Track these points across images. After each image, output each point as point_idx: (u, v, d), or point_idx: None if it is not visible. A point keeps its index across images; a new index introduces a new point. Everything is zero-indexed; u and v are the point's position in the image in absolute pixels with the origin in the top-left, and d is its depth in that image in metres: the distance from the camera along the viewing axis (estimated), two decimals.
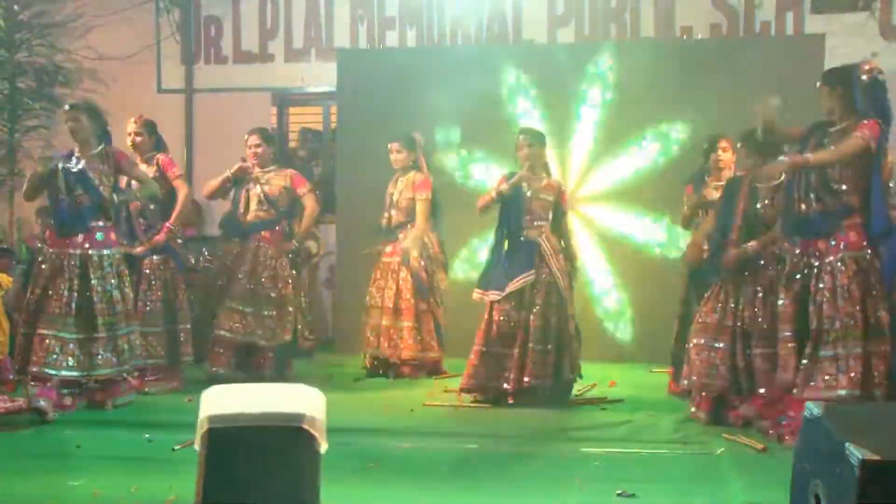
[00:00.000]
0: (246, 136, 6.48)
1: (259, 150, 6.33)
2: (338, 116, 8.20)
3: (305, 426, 2.86)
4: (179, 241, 6.29)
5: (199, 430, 2.88)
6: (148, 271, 5.87)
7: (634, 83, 7.15)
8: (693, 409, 5.05)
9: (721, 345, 4.85)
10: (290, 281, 6.27)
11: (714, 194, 5.59)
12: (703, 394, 4.97)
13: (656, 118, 7.15)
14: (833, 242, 4.36)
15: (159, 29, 8.76)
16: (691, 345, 4.98)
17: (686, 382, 5.03)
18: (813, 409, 3.81)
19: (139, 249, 5.79)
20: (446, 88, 7.25)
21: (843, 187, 4.35)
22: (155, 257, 5.89)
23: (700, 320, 4.98)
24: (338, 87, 7.94)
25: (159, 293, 5.88)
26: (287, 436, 2.85)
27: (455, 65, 7.47)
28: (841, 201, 4.36)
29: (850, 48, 7.46)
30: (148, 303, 5.83)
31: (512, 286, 5.46)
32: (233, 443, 2.84)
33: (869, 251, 4.36)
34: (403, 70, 7.56)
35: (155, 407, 5.37)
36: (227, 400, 2.99)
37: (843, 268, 4.31)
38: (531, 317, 5.44)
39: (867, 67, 4.44)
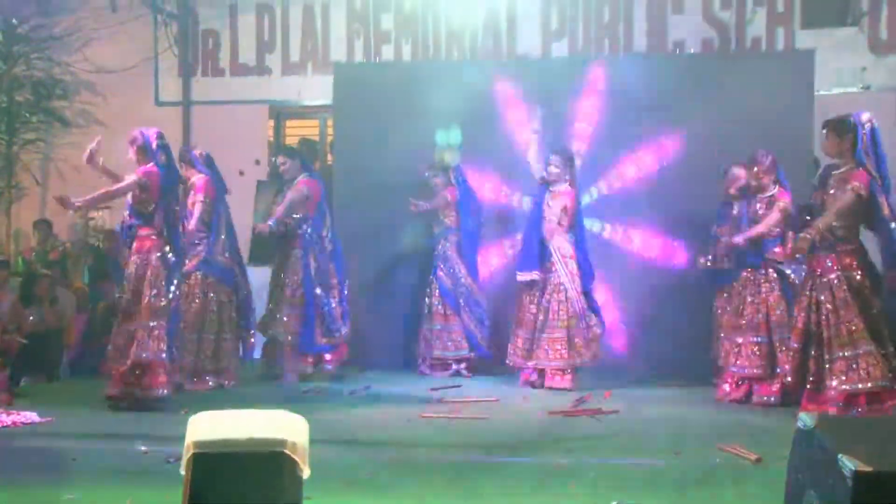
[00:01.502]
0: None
1: (284, 166, 6.82)
2: (334, 129, 8.22)
3: (287, 452, 2.93)
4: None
5: (184, 455, 2.94)
6: None
7: (627, 97, 7.19)
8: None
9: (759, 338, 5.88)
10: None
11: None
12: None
13: (649, 132, 7.17)
14: (829, 263, 5.29)
15: (157, 42, 8.79)
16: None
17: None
18: (806, 420, 3.83)
19: None
20: (440, 100, 7.26)
21: (839, 227, 5.28)
22: None
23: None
24: (334, 100, 7.98)
25: None
26: (270, 461, 2.95)
27: (450, 78, 7.47)
28: (836, 236, 5.29)
29: (839, 63, 7.56)
30: None
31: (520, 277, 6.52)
32: (217, 467, 2.94)
33: (859, 272, 5.24)
34: (399, 83, 7.59)
35: (151, 420, 5.35)
36: (212, 425, 3.07)
37: (839, 284, 5.22)
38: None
39: (866, 118, 5.29)
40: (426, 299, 7.02)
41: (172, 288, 5.70)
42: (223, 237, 6.52)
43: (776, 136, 6.50)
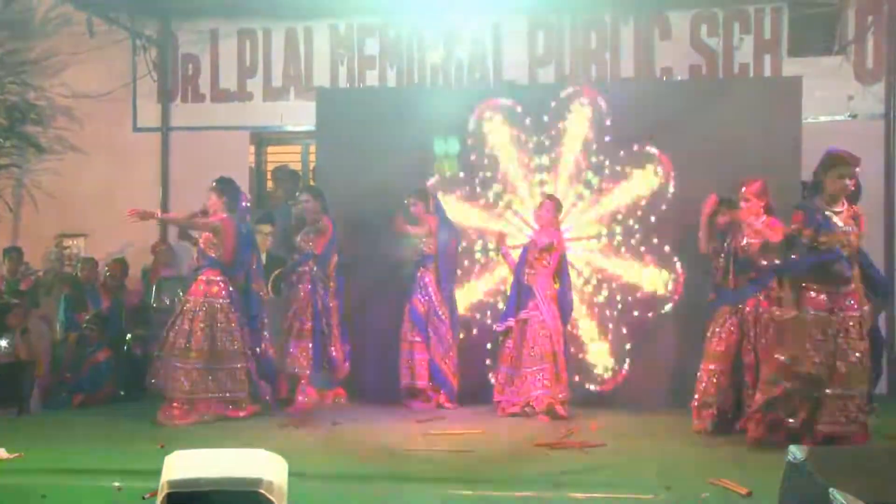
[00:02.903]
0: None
1: (308, 204, 7.10)
2: (317, 155, 8.25)
3: (263, 491, 2.91)
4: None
5: (159, 495, 2.93)
6: None
7: (614, 124, 7.26)
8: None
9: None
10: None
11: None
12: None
13: (636, 159, 7.24)
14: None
15: (136, 67, 8.82)
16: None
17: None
18: (796, 452, 3.84)
19: None
20: (425, 126, 7.31)
21: None
22: None
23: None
24: (317, 126, 8.01)
25: None
26: (245, 501, 2.91)
27: (436, 104, 7.52)
28: None
29: (826, 91, 7.69)
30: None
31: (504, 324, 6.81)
32: None
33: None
34: (384, 109, 7.64)
35: (124, 455, 5.29)
36: (188, 464, 3.06)
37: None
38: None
39: None
40: (401, 326, 7.09)
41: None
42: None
43: (763, 163, 6.58)
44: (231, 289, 6.50)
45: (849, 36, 7.85)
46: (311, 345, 6.95)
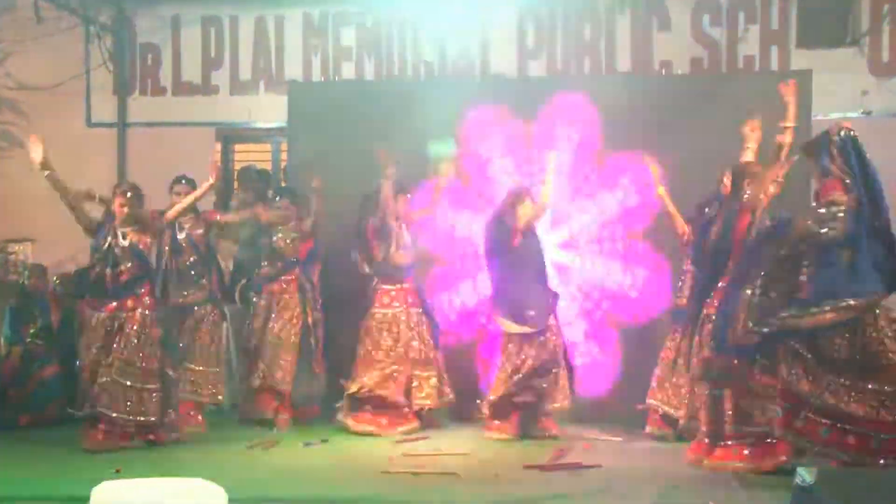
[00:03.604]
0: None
1: (288, 212, 7.19)
2: (288, 154, 8.25)
3: None
4: None
5: None
6: None
7: (609, 120, 7.31)
8: None
9: None
10: None
11: None
12: None
13: (633, 158, 7.28)
14: None
15: (89, 57, 8.78)
16: None
17: None
18: (805, 476, 3.88)
19: None
20: (407, 124, 7.32)
21: None
22: None
23: None
24: (288, 122, 8.00)
25: None
26: None
27: (417, 99, 7.52)
28: None
29: (837, 86, 7.69)
30: None
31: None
32: None
33: None
34: (361, 104, 7.65)
35: (54, 482, 5.24)
36: (115, 497, 3.03)
37: None
38: None
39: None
40: None
41: None
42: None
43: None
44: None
45: (863, 26, 7.92)
46: (295, 360, 6.99)
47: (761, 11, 8.04)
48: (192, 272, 6.95)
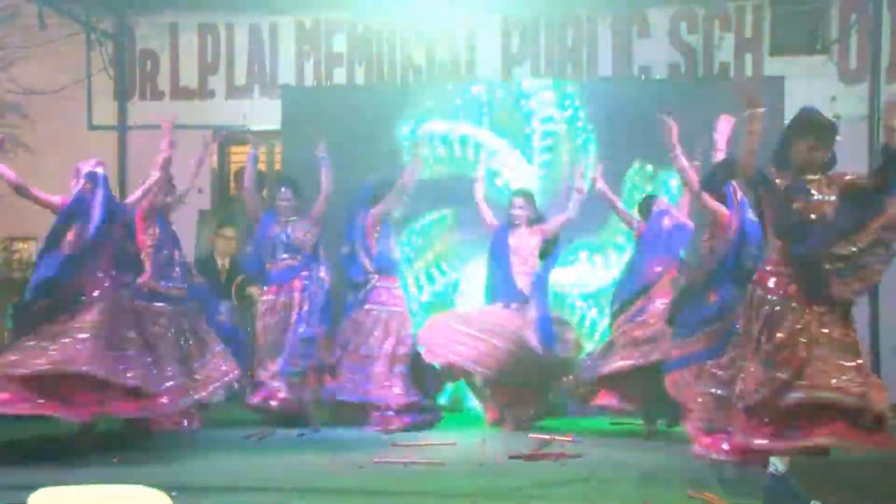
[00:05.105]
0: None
1: (288, 203, 6.90)
2: (282, 156, 8.22)
3: None
4: None
5: None
6: None
7: (592, 122, 7.32)
8: None
9: None
10: None
11: None
12: None
13: (613, 159, 7.29)
14: None
15: (90, 62, 8.75)
16: None
17: None
18: (777, 465, 3.90)
19: None
20: (397, 129, 7.32)
21: None
22: None
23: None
24: (282, 126, 7.98)
25: None
26: None
27: (407, 104, 7.54)
28: None
29: (808, 91, 7.75)
30: None
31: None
32: None
33: None
34: (352, 108, 7.63)
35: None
36: None
37: None
38: None
39: None
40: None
41: None
42: None
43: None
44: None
45: (832, 35, 7.98)
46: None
47: (736, 20, 8.09)
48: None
